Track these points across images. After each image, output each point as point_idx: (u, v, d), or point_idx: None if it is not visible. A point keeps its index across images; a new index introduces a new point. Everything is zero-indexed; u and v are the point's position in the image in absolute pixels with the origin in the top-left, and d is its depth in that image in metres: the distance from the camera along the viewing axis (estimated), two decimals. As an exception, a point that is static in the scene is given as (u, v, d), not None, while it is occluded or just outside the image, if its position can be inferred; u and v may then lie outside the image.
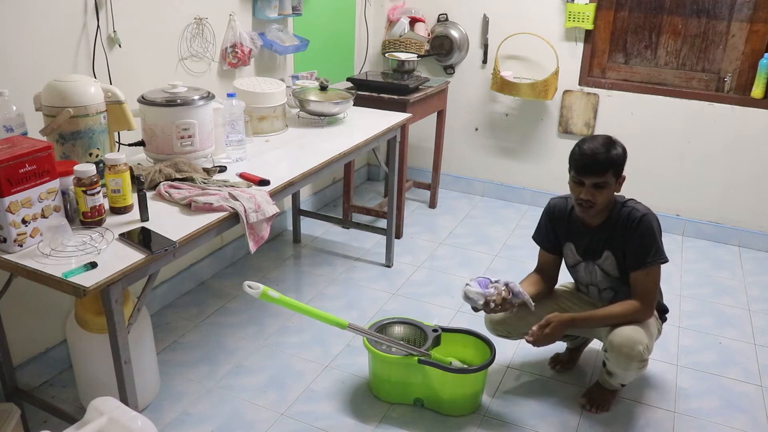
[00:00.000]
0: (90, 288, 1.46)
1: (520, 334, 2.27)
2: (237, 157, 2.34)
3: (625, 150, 2.08)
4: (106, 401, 1.40)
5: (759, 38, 3.34)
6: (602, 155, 2.01)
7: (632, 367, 2.06)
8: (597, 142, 2.04)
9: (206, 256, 3.05)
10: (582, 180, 2.04)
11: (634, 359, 2.04)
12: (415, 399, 2.26)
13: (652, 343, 2.13)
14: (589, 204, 2.06)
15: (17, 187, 1.55)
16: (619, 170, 2.06)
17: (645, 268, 2.08)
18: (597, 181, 2.02)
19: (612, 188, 2.06)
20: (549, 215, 2.29)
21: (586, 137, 2.10)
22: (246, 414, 2.22)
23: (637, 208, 2.11)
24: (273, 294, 1.83)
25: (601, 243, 2.16)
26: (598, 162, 2.01)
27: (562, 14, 3.64)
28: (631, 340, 2.03)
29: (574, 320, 2.12)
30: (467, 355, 2.34)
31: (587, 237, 2.19)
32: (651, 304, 2.11)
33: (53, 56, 2.11)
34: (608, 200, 2.09)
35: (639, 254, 2.08)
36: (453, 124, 4.13)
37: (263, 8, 2.93)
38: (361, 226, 3.50)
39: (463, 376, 2.17)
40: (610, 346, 2.08)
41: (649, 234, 2.07)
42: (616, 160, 2.03)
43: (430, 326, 2.32)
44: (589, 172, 2.02)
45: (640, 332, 2.06)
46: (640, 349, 2.03)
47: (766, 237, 3.59)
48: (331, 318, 2.02)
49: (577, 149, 2.06)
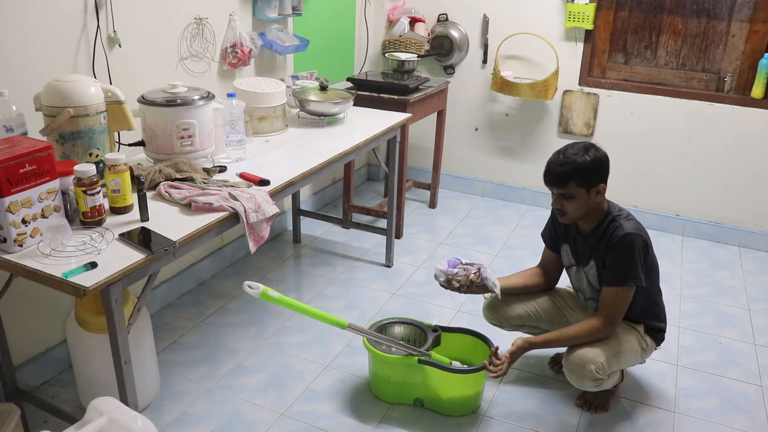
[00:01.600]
0: (90, 288, 1.46)
1: (513, 326, 2.35)
2: (237, 157, 2.34)
3: (599, 159, 1.99)
4: (106, 401, 1.40)
5: (759, 38, 3.34)
6: (562, 167, 1.97)
7: (585, 385, 2.07)
8: (566, 152, 2.00)
9: (206, 256, 3.05)
10: (550, 189, 2.06)
11: (585, 378, 2.03)
12: (415, 399, 2.26)
13: (618, 361, 2.08)
14: (561, 213, 2.07)
15: (17, 187, 1.55)
16: (585, 180, 1.98)
17: (615, 286, 2.04)
18: (560, 191, 2.02)
19: (583, 198, 2.00)
20: (553, 213, 2.29)
21: (565, 145, 2.05)
22: (246, 414, 2.22)
23: (623, 226, 2.03)
24: (273, 294, 1.83)
25: (588, 251, 2.14)
26: (556, 173, 1.99)
27: (562, 14, 3.64)
28: (583, 359, 2.02)
29: (532, 345, 2.12)
30: (467, 355, 2.34)
31: (580, 242, 2.18)
32: (613, 322, 2.06)
33: (53, 56, 2.11)
34: (583, 210, 2.04)
35: (612, 272, 2.05)
36: (453, 124, 4.13)
37: (263, 8, 2.93)
38: (361, 226, 3.50)
39: (463, 377, 2.17)
40: (565, 364, 2.09)
41: (626, 254, 2.00)
42: (579, 171, 1.96)
43: (429, 326, 2.32)
44: (550, 182, 2.03)
45: (596, 351, 2.03)
46: (591, 369, 2.01)
47: (766, 237, 3.59)
48: (332, 318, 2.02)
49: (550, 158, 2.05)
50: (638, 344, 2.16)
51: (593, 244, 2.11)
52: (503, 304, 2.32)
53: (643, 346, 2.18)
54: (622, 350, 2.09)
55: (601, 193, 2.04)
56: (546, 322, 2.33)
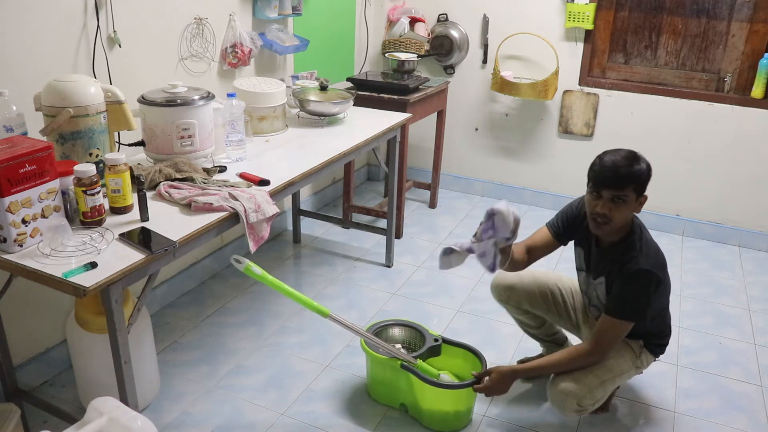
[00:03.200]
0: (90, 288, 1.46)
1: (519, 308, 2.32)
2: (237, 157, 2.34)
3: (649, 167, 1.93)
4: (106, 401, 1.40)
5: (759, 38, 3.34)
6: (624, 168, 1.86)
7: (568, 415, 2.04)
8: (620, 154, 1.90)
9: (206, 256, 3.05)
10: (600, 193, 1.90)
11: (567, 410, 1.99)
12: (401, 404, 2.24)
13: (604, 389, 2.01)
14: (605, 220, 1.91)
15: (17, 187, 1.55)
16: (640, 187, 1.90)
17: (614, 317, 1.95)
18: (616, 194, 1.88)
19: (631, 206, 1.91)
20: (579, 206, 2.12)
21: (609, 150, 1.94)
22: (246, 414, 2.22)
23: (640, 258, 1.92)
24: (256, 270, 1.87)
25: (601, 266, 2.05)
26: (619, 175, 1.87)
27: (562, 14, 3.64)
28: (564, 393, 1.96)
29: (516, 373, 2.07)
30: (465, 372, 2.22)
31: (595, 253, 2.08)
32: (604, 351, 1.99)
33: (53, 56, 2.11)
34: (625, 219, 1.94)
35: (615, 303, 1.97)
36: (453, 124, 4.13)
37: (263, 8, 2.93)
38: (361, 226, 3.50)
39: (442, 391, 2.09)
40: (548, 390, 2.05)
41: (634, 291, 1.93)
42: (639, 176, 1.89)
43: (433, 335, 2.27)
44: (609, 184, 1.88)
45: (576, 386, 1.96)
46: (572, 401, 1.96)
47: (766, 237, 3.59)
48: (313, 304, 2.01)
49: (598, 160, 1.92)
50: (632, 364, 2.09)
51: (608, 262, 2.02)
52: (520, 284, 2.25)
53: (638, 365, 2.11)
54: (610, 377, 2.02)
55: (642, 204, 1.96)
56: (555, 316, 2.29)
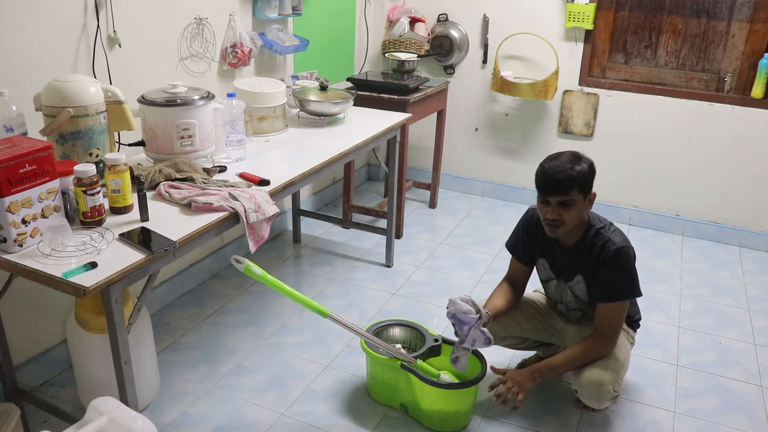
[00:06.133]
0: (90, 288, 1.46)
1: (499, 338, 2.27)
2: (237, 157, 2.34)
3: (592, 166, 2.00)
4: (106, 401, 1.40)
5: (759, 38, 3.34)
6: (564, 173, 1.93)
7: (605, 404, 2.08)
8: (560, 159, 1.97)
9: (206, 256, 3.05)
10: (547, 199, 1.98)
11: (605, 399, 2.03)
12: (401, 404, 2.24)
13: (623, 371, 2.10)
14: (557, 223, 1.99)
15: (17, 187, 1.55)
16: (585, 187, 1.97)
17: (613, 302, 2.03)
18: (562, 199, 1.95)
19: (581, 206, 1.98)
20: (526, 225, 2.21)
21: (551, 155, 2.02)
22: (246, 414, 2.22)
23: (612, 239, 2.01)
24: (256, 270, 1.87)
25: (573, 266, 2.10)
26: (560, 180, 1.93)
27: (562, 14, 3.64)
28: (598, 383, 2.01)
29: (534, 372, 2.05)
30: (466, 373, 2.21)
31: (561, 257, 2.14)
32: (613, 337, 2.06)
33: (53, 56, 2.11)
34: (578, 219, 2.01)
35: (609, 288, 2.03)
36: (453, 124, 4.13)
37: (263, 8, 2.93)
38: (361, 226, 3.50)
39: (442, 391, 2.10)
40: (579, 389, 2.07)
41: (623, 269, 2.01)
42: (581, 177, 1.95)
43: (433, 335, 2.28)
44: (553, 190, 1.95)
45: (605, 373, 2.02)
46: (608, 389, 2.01)
47: (766, 237, 3.59)
48: (313, 304, 2.01)
49: (540, 168, 1.99)
50: (629, 344, 2.22)
51: (579, 259, 2.08)
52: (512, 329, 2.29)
53: (631, 341, 2.24)
54: (624, 359, 2.10)
55: (592, 201, 2.03)
56: (532, 331, 2.30)
